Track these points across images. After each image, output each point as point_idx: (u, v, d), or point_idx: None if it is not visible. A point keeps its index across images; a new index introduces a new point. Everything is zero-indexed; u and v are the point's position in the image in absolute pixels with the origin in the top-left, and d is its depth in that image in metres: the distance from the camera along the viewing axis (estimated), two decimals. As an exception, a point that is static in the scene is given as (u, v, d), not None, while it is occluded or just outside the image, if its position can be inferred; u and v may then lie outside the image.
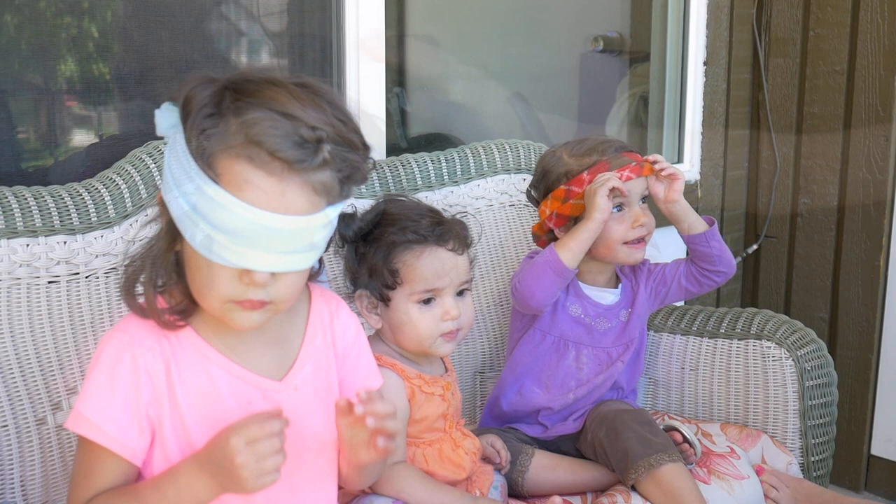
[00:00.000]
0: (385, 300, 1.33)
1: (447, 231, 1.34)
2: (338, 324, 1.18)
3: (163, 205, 1.00)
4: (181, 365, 1.04)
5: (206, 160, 0.93)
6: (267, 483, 0.95)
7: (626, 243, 1.59)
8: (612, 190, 1.52)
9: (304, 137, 0.93)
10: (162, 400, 1.03)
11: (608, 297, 1.68)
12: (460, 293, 1.36)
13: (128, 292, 1.04)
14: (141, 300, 1.04)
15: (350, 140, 0.98)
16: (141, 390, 1.02)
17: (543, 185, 1.64)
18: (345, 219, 1.33)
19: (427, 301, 1.33)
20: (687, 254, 1.69)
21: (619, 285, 1.70)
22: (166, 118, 0.98)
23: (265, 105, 0.94)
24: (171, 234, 1.00)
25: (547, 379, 1.64)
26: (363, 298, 1.36)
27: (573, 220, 1.59)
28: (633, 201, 1.59)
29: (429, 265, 1.31)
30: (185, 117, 0.95)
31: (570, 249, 1.53)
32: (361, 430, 1.04)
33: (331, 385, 1.15)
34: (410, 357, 1.39)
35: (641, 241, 1.61)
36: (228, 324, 1.01)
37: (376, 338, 1.39)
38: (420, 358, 1.40)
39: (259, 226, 0.93)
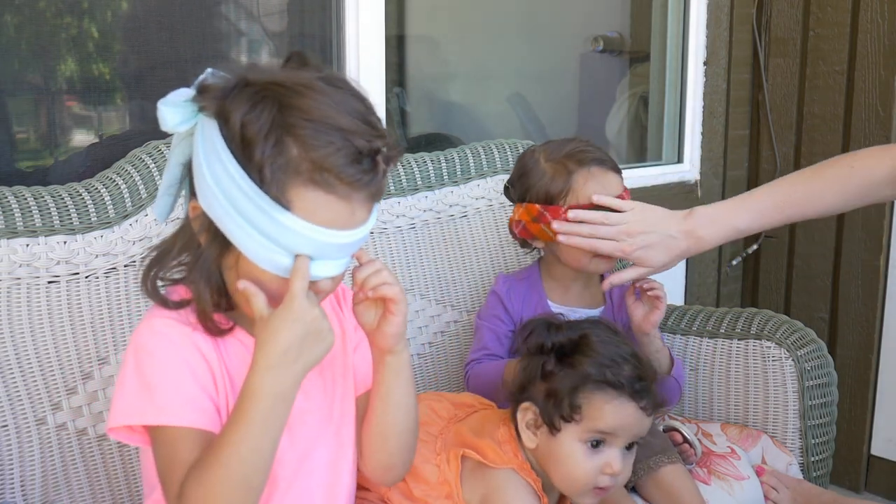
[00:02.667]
0: (554, 428, 1.23)
1: (646, 389, 1.23)
2: (346, 310, 1.17)
3: (203, 216, 0.97)
4: (226, 350, 1.03)
5: (278, 191, 0.92)
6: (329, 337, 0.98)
7: (597, 255, 1.52)
8: None
9: (360, 151, 0.94)
10: (217, 377, 1.01)
11: (577, 315, 1.60)
12: (629, 447, 1.26)
13: (158, 295, 1.03)
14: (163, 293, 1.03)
15: (385, 133, 0.99)
16: (200, 362, 1.00)
17: (520, 186, 1.59)
18: (549, 328, 1.29)
19: (595, 444, 1.23)
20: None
21: (601, 307, 1.64)
22: (180, 112, 0.95)
23: (315, 119, 0.93)
24: (217, 245, 0.98)
25: None
26: (529, 413, 1.26)
27: (534, 239, 1.56)
28: None
29: (615, 414, 1.21)
30: (244, 145, 0.92)
31: None
32: (369, 308, 1.07)
33: (346, 371, 1.16)
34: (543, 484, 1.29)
35: None
36: None
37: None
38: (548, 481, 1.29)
39: (331, 245, 0.95)
